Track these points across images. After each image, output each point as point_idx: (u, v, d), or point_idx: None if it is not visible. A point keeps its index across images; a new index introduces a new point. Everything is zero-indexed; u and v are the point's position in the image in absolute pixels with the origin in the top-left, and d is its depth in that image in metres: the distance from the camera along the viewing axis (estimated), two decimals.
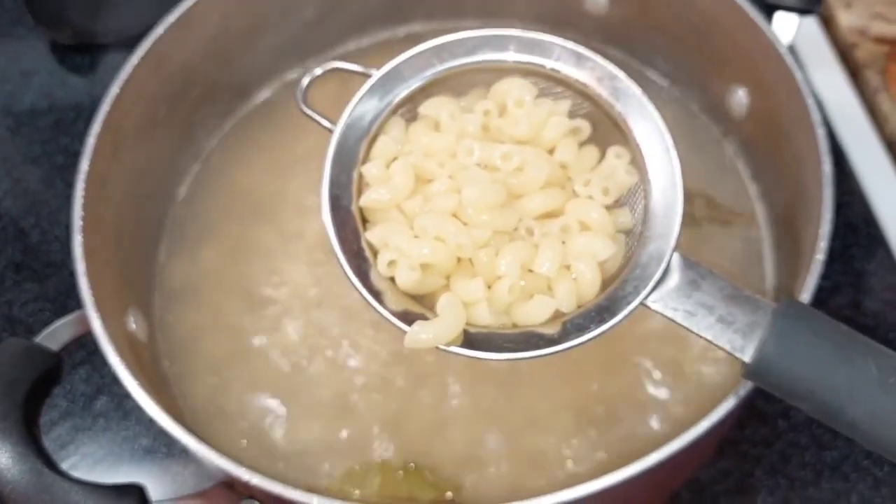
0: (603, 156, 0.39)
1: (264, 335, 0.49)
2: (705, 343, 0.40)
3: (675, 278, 0.37)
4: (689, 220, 0.50)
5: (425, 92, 0.40)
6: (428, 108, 0.40)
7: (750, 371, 0.35)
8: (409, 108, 0.40)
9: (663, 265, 0.36)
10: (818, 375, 0.34)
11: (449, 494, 0.44)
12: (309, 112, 0.42)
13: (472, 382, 0.47)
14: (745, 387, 0.38)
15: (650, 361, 0.47)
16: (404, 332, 0.36)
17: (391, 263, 0.36)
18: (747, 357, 0.35)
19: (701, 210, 0.51)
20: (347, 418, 0.46)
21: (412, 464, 0.45)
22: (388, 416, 0.46)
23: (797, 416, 0.52)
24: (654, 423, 0.45)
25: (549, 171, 0.38)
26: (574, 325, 0.37)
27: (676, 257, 0.37)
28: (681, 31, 0.53)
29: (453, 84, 0.41)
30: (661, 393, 0.46)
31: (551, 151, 0.39)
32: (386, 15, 0.58)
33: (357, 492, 0.44)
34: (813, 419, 0.51)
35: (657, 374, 0.47)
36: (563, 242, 0.37)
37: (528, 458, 0.45)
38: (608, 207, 0.38)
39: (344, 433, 0.46)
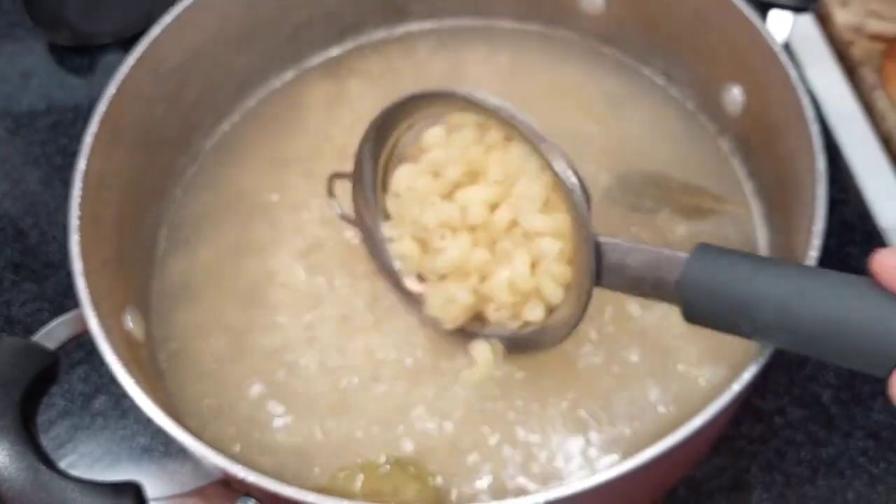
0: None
1: (261, 334, 0.49)
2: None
3: (606, 261, 0.40)
4: (686, 211, 0.51)
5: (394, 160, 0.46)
6: (393, 183, 0.46)
7: (685, 314, 0.37)
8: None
9: (592, 256, 0.40)
10: (731, 297, 0.36)
11: (435, 482, 0.44)
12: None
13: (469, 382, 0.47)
14: (741, 383, 0.38)
15: (651, 361, 0.47)
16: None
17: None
18: (677, 301, 0.37)
19: (696, 203, 0.51)
20: (342, 417, 0.46)
21: (393, 458, 0.45)
22: (383, 415, 0.46)
23: (793, 413, 0.52)
24: (651, 422, 0.45)
25: (487, 195, 0.43)
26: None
27: (603, 240, 0.40)
28: (676, 30, 0.53)
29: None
30: (660, 392, 0.46)
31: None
32: (382, 15, 0.59)
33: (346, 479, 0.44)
34: (809, 417, 0.51)
35: (657, 374, 0.47)
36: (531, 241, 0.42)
37: (523, 457, 0.45)
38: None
39: (338, 432, 0.46)
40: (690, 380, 0.46)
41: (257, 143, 0.56)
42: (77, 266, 0.42)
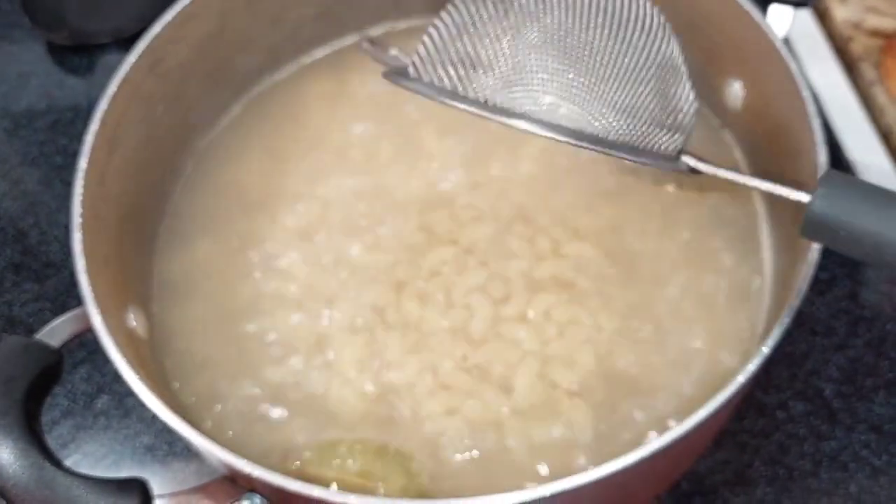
0: None
1: (259, 328, 0.49)
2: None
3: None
4: (690, 189, 0.51)
5: None
6: None
7: (811, 216, 0.39)
8: None
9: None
10: (870, 217, 0.38)
11: (422, 472, 0.44)
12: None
13: (468, 379, 0.47)
14: (745, 374, 0.38)
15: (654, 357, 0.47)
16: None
17: None
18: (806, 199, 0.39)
19: (699, 182, 0.51)
20: (339, 413, 0.46)
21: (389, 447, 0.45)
22: (381, 408, 0.46)
23: (795, 407, 0.52)
24: (651, 416, 0.46)
25: None
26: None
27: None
28: (676, 25, 0.53)
29: None
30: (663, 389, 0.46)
31: None
32: (384, 10, 0.58)
33: (336, 462, 0.44)
34: (812, 411, 0.52)
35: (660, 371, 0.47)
36: None
37: (523, 458, 0.45)
38: None
39: (335, 427, 0.46)
40: (700, 378, 0.46)
41: (257, 139, 0.56)
42: (80, 264, 0.42)
